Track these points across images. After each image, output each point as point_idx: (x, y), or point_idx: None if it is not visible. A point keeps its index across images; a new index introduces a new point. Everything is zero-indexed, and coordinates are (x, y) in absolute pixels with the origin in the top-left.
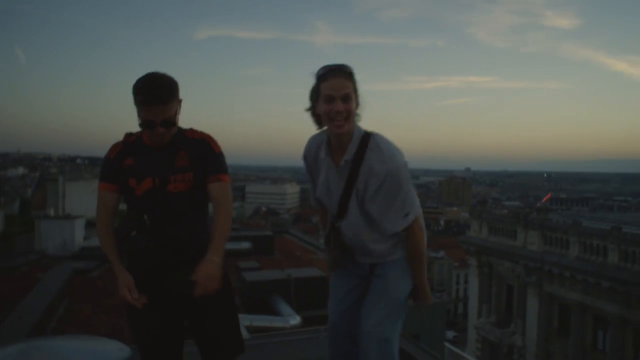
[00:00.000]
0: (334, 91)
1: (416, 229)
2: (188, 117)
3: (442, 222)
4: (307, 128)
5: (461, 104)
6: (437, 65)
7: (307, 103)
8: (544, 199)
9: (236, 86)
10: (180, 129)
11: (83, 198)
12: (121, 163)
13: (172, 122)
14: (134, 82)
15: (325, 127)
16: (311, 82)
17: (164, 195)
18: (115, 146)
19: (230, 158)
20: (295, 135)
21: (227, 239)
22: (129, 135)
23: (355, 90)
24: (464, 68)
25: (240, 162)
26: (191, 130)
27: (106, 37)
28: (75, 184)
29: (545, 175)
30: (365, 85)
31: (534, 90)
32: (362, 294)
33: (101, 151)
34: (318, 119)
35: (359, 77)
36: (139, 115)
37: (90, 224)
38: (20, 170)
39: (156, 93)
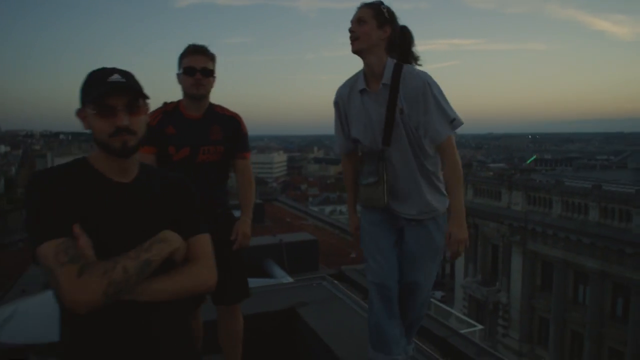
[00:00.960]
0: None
1: (454, 147)
2: (173, 88)
3: None
4: (294, 97)
5: (446, 68)
6: (421, 29)
7: (294, 72)
8: (528, 162)
9: (219, 55)
10: (210, 104)
11: None
12: (163, 130)
13: (209, 72)
14: (116, 52)
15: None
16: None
17: (197, 163)
18: (155, 113)
19: None
20: (281, 104)
21: (253, 204)
22: (167, 104)
23: (376, 16)
24: (448, 31)
25: None
26: (220, 107)
27: (86, 9)
28: (63, 160)
29: (529, 136)
30: (347, 51)
31: (519, 52)
32: (400, 247)
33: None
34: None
35: (341, 41)
36: (182, 66)
37: None
38: (2, 148)
39: (201, 47)
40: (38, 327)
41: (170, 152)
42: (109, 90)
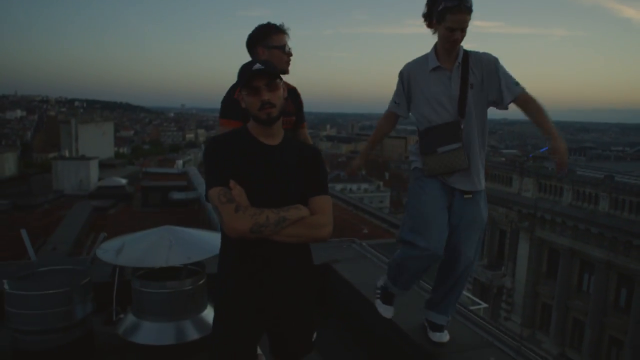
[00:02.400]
0: (457, 24)
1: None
2: (196, 59)
3: None
4: (309, 73)
5: None
6: None
7: (310, 48)
8: (542, 150)
9: (237, 27)
10: None
11: (95, 140)
12: None
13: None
14: (128, 21)
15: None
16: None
17: None
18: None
19: None
20: (295, 80)
21: None
22: None
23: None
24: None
25: None
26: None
27: None
28: (87, 127)
29: None
30: (367, 29)
31: (539, 36)
32: (449, 219)
33: (98, 94)
34: (432, 28)
35: (360, 18)
36: (270, 44)
37: (103, 165)
38: (19, 112)
39: (282, 27)
40: (142, 255)
41: None
42: (253, 74)
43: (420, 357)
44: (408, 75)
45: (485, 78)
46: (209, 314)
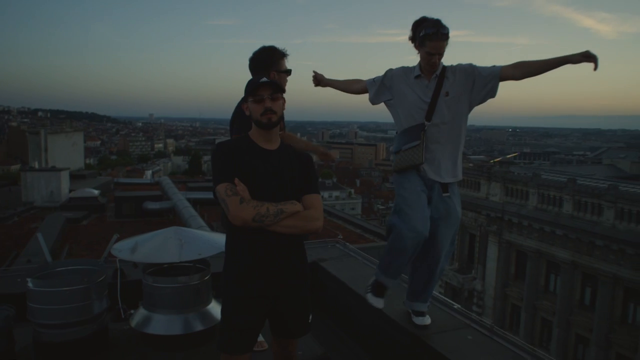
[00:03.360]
0: (435, 50)
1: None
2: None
3: None
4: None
5: None
6: (410, 18)
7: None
8: (509, 156)
9: (202, 36)
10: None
11: (65, 151)
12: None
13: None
14: (95, 31)
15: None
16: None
17: None
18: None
19: (198, 112)
20: None
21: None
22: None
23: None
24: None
25: (208, 116)
26: None
27: None
28: (57, 137)
29: (510, 130)
30: (335, 38)
31: (504, 45)
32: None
33: (63, 104)
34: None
35: (328, 27)
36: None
37: (73, 176)
38: None
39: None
40: (157, 252)
41: None
42: (259, 85)
43: (406, 340)
44: (393, 76)
45: (466, 81)
46: (213, 307)
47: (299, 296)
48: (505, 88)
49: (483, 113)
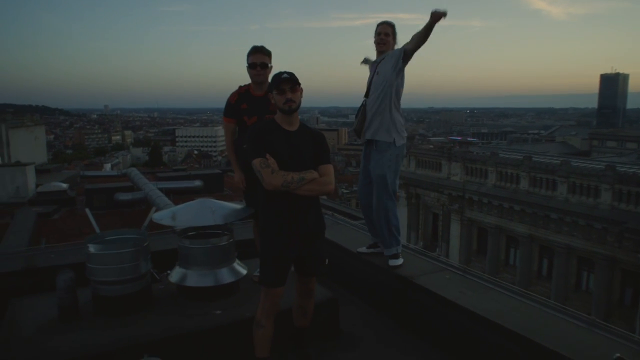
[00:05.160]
0: (382, 30)
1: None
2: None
3: None
4: (239, 68)
5: None
6: (366, 3)
7: (237, 44)
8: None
9: (155, 23)
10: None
11: (27, 145)
12: (239, 106)
13: (265, 65)
14: (51, 22)
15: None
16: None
17: None
18: (234, 95)
19: (156, 102)
20: (223, 75)
21: None
22: (241, 87)
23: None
24: (393, 5)
25: (166, 106)
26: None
27: None
28: (17, 131)
29: (468, 111)
30: (292, 23)
31: (458, 27)
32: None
33: (10, 98)
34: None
35: (285, 12)
36: (248, 62)
37: (38, 171)
38: None
39: (260, 48)
40: (195, 218)
41: (244, 120)
42: (282, 80)
43: (396, 284)
44: (368, 60)
45: (393, 60)
46: (237, 264)
47: (318, 244)
48: (460, 69)
49: (441, 94)
